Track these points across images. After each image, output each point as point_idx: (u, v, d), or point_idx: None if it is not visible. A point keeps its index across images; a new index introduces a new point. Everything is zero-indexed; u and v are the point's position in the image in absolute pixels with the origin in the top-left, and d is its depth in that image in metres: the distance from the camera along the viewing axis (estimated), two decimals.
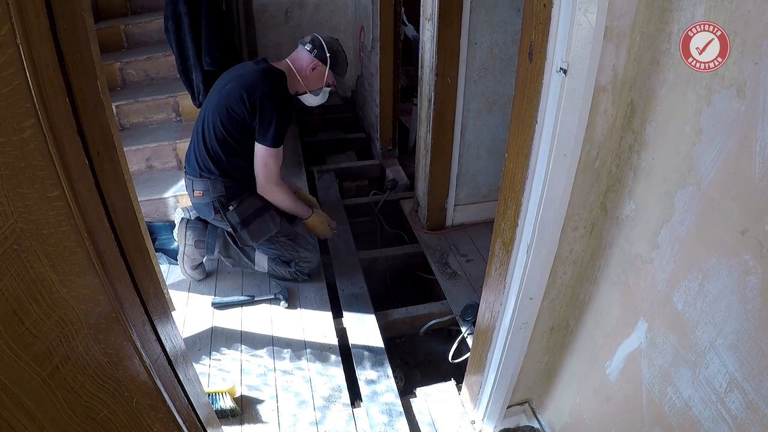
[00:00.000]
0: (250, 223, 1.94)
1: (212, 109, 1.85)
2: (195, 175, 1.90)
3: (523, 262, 1.13)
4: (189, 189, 1.95)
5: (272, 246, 2.03)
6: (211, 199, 1.89)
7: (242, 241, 1.98)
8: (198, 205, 1.97)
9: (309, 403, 1.62)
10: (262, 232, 1.97)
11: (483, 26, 2.02)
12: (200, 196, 1.91)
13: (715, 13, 0.72)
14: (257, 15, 3.73)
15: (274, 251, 2.05)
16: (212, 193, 1.88)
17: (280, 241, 2.02)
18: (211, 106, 1.87)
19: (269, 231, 1.98)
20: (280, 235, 2.01)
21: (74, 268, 0.61)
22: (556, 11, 0.85)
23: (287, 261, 2.08)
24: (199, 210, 2.00)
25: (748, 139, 0.70)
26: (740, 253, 0.75)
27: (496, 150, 2.37)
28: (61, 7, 0.56)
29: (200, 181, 1.89)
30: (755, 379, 0.76)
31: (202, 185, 1.89)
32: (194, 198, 1.94)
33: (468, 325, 1.88)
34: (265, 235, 1.98)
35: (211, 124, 1.84)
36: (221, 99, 1.82)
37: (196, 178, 1.90)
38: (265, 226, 1.97)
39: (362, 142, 3.81)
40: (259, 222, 1.95)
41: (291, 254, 2.06)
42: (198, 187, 1.90)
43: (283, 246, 2.04)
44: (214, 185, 1.88)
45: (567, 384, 1.36)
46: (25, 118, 0.51)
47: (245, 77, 1.83)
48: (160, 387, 0.81)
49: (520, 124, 1.03)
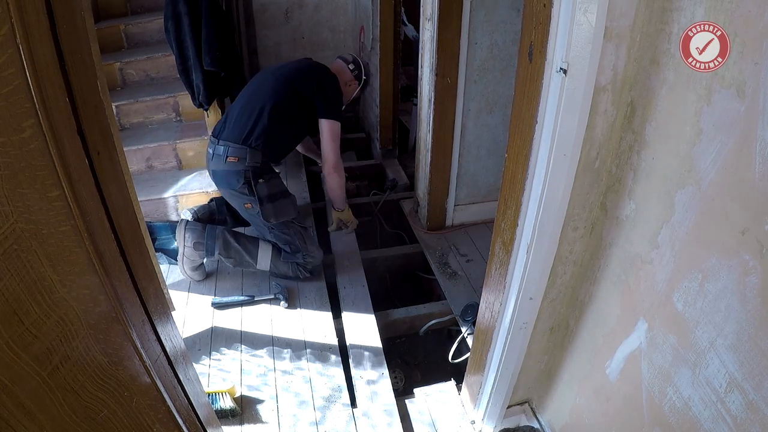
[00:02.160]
0: (276, 200, 2.00)
1: (273, 86, 2.01)
2: (235, 140, 1.94)
3: (523, 262, 1.13)
4: (220, 156, 1.95)
5: (285, 232, 2.05)
6: (244, 166, 1.93)
7: (265, 216, 1.99)
8: (226, 173, 1.96)
9: (309, 403, 1.62)
10: (284, 211, 2.03)
11: (483, 26, 2.02)
12: (234, 162, 1.93)
13: (715, 13, 0.72)
14: (257, 15, 3.73)
15: (286, 237, 2.06)
16: (248, 161, 1.93)
17: (295, 227, 2.07)
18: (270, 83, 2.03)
19: (289, 214, 2.04)
20: (296, 222, 2.08)
21: (74, 268, 0.61)
22: (556, 11, 0.85)
23: (295, 251, 2.08)
24: (224, 177, 1.98)
25: (748, 139, 0.70)
26: (740, 253, 0.75)
27: (496, 150, 2.37)
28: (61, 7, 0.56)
29: (239, 147, 1.93)
30: (755, 379, 0.76)
31: (240, 152, 1.93)
32: (226, 164, 1.94)
33: (468, 325, 1.88)
34: (286, 216, 2.04)
35: (271, 96, 1.99)
36: (286, 78, 2.03)
37: (235, 144, 1.93)
38: (287, 208, 2.04)
39: (362, 142, 3.81)
40: (283, 202, 2.03)
41: (300, 244, 2.08)
42: (234, 153, 1.93)
43: (296, 234, 2.07)
44: (253, 154, 1.94)
45: (567, 384, 1.36)
46: (25, 118, 0.51)
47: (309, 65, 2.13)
48: (160, 387, 0.81)
49: (520, 124, 1.03)
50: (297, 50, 3.94)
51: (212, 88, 2.33)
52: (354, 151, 3.74)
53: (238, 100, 2.09)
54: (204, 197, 2.47)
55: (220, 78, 2.34)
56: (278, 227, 2.05)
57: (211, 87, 2.32)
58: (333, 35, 3.97)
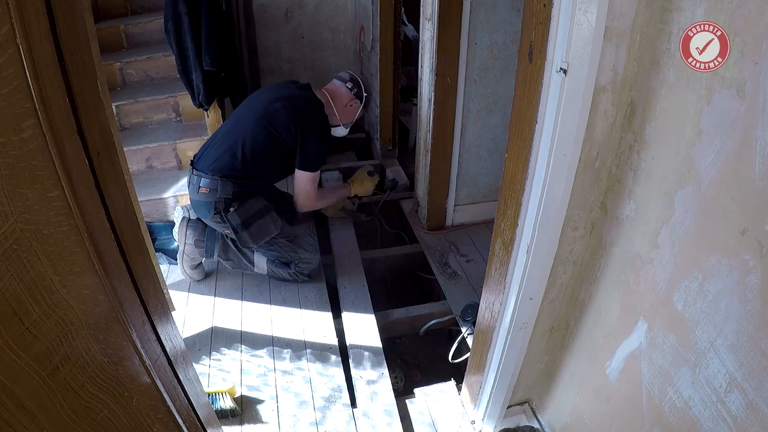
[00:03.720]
0: (251, 224, 1.95)
1: (253, 120, 1.92)
2: (206, 172, 1.90)
3: (523, 262, 1.13)
4: (194, 185, 1.93)
5: (271, 248, 2.04)
6: (215, 198, 1.90)
7: (242, 243, 1.97)
8: (198, 203, 1.95)
9: (309, 403, 1.62)
10: (262, 233, 1.98)
11: (483, 26, 2.02)
12: (206, 193, 1.90)
13: (715, 13, 0.72)
14: (257, 15, 3.73)
15: (273, 253, 2.05)
16: (219, 193, 1.89)
17: (279, 242, 2.03)
18: (251, 115, 1.94)
19: (270, 233, 1.99)
20: (280, 237, 2.03)
21: (74, 268, 0.61)
22: (556, 11, 0.85)
23: (287, 262, 2.08)
24: (198, 208, 1.98)
25: (748, 139, 0.70)
26: (740, 253, 0.75)
27: (496, 150, 2.37)
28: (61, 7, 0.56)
29: (212, 179, 1.89)
30: (755, 379, 0.76)
31: (212, 183, 1.89)
32: (198, 195, 1.92)
33: (468, 325, 1.88)
34: (266, 237, 1.99)
35: (249, 132, 1.91)
36: (266, 114, 1.92)
37: (206, 176, 1.90)
38: (266, 228, 1.98)
39: (362, 142, 3.81)
40: (260, 224, 1.96)
41: (291, 255, 2.06)
42: (206, 184, 1.90)
43: (282, 248, 2.04)
44: (224, 186, 1.89)
45: (567, 384, 1.36)
46: (25, 118, 0.51)
47: (293, 102, 1.95)
48: (160, 387, 0.81)
49: (520, 124, 1.03)
50: (297, 50, 3.94)
51: (212, 88, 2.33)
52: (354, 151, 3.74)
53: (220, 129, 2.04)
54: None
55: (220, 78, 2.34)
56: (263, 247, 2.03)
57: (211, 87, 2.31)
58: (333, 35, 3.96)
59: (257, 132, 1.91)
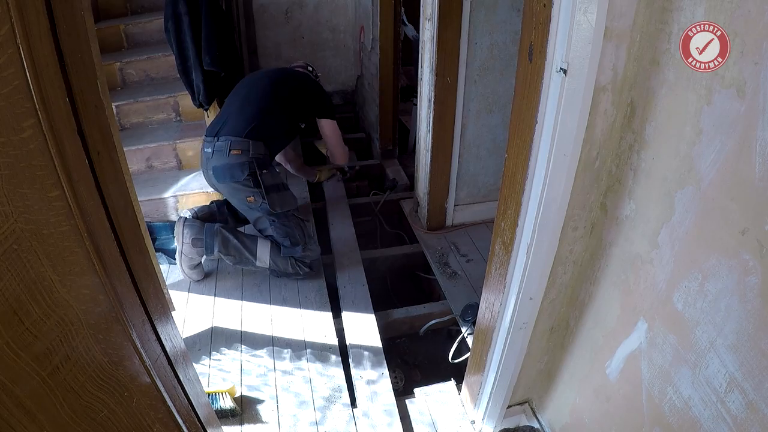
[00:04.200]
0: (279, 191, 2.08)
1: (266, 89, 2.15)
2: (238, 135, 2.00)
3: (523, 262, 1.13)
4: (222, 151, 1.98)
5: (286, 223, 2.09)
6: (249, 158, 1.98)
7: (272, 204, 2.04)
8: (230, 166, 1.97)
9: (309, 403, 1.62)
10: (288, 201, 2.11)
11: (483, 26, 2.02)
12: (238, 154, 1.98)
13: (715, 13, 0.72)
14: (257, 15, 3.73)
15: (287, 228, 2.08)
16: (252, 152, 1.99)
17: (295, 219, 2.13)
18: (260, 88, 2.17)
19: (292, 204, 2.12)
20: (296, 214, 2.15)
21: (74, 268, 0.61)
22: (556, 11, 0.85)
23: (294, 244, 2.09)
24: (227, 171, 1.99)
25: (748, 139, 0.70)
26: (740, 253, 0.75)
27: (496, 150, 2.37)
28: (61, 7, 0.56)
29: (242, 140, 1.99)
30: (755, 379, 0.76)
31: (243, 144, 1.99)
32: (229, 158, 1.97)
33: (468, 325, 1.88)
34: (289, 206, 2.10)
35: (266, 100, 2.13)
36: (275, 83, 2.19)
37: (238, 138, 1.99)
38: (290, 198, 2.14)
39: (362, 142, 3.81)
40: (286, 193, 2.12)
41: (300, 236, 2.10)
42: (238, 146, 1.98)
43: (296, 225, 2.11)
44: (256, 145, 2.01)
45: (567, 384, 1.36)
46: (25, 118, 0.51)
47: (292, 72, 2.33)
48: (160, 387, 0.81)
49: (520, 124, 1.03)
50: (297, 50, 3.94)
51: (212, 88, 2.33)
52: (354, 151, 3.74)
53: (232, 101, 2.17)
54: (204, 197, 2.47)
55: (220, 78, 2.34)
56: (280, 218, 2.08)
57: (211, 87, 2.32)
58: (333, 35, 3.97)
59: (273, 93, 2.15)
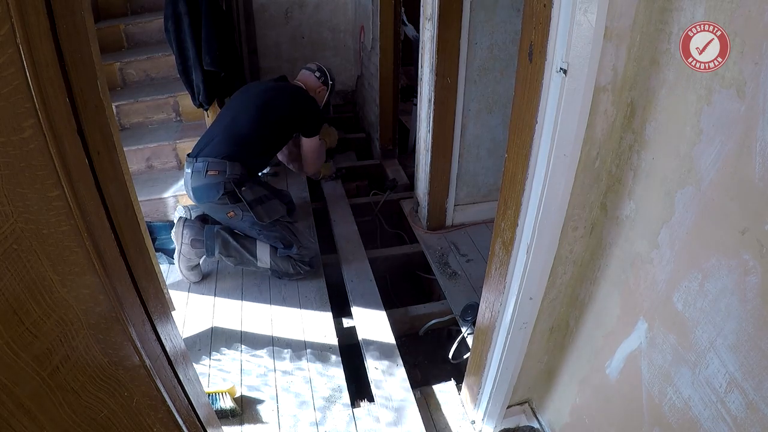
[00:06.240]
0: (262, 203, 2.08)
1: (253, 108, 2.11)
2: (216, 156, 2.00)
3: (523, 262, 1.13)
4: (199, 171, 1.99)
5: (273, 230, 2.09)
6: (224, 178, 1.98)
7: (259, 217, 2.04)
8: (205, 186, 1.99)
9: (309, 403, 1.62)
10: (274, 210, 2.11)
11: (483, 26, 2.02)
12: (214, 175, 1.98)
13: (715, 13, 0.72)
14: (257, 15, 3.73)
15: (275, 234, 2.09)
16: (228, 174, 1.99)
17: (281, 223, 2.13)
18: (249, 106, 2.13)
19: (278, 212, 2.11)
20: (282, 219, 2.14)
21: (74, 268, 0.61)
22: (556, 11, 0.85)
23: (289, 245, 2.10)
24: (204, 192, 2.00)
25: (748, 139, 0.70)
26: (740, 253, 0.75)
27: (496, 150, 2.37)
28: (61, 7, 0.56)
29: (219, 161, 1.99)
30: (755, 379, 0.76)
31: (220, 165, 1.99)
32: (205, 178, 1.98)
33: (468, 325, 1.88)
34: (276, 214, 2.10)
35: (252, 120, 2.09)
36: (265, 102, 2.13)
37: (216, 159, 1.99)
38: (276, 207, 2.12)
39: (362, 142, 3.81)
40: (269, 204, 2.11)
41: (292, 237, 2.11)
42: (215, 167, 1.99)
43: (284, 228, 2.12)
44: (233, 167, 2.00)
45: (567, 384, 1.36)
46: (25, 118, 0.50)
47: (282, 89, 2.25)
48: (160, 387, 0.81)
49: (520, 124, 1.03)
50: (297, 50, 3.94)
51: (212, 88, 2.33)
52: (354, 151, 3.74)
53: (221, 119, 2.16)
54: None
55: (220, 78, 2.34)
56: (266, 227, 2.08)
57: (211, 87, 2.32)
58: (333, 35, 3.96)
59: (260, 118, 2.10)
